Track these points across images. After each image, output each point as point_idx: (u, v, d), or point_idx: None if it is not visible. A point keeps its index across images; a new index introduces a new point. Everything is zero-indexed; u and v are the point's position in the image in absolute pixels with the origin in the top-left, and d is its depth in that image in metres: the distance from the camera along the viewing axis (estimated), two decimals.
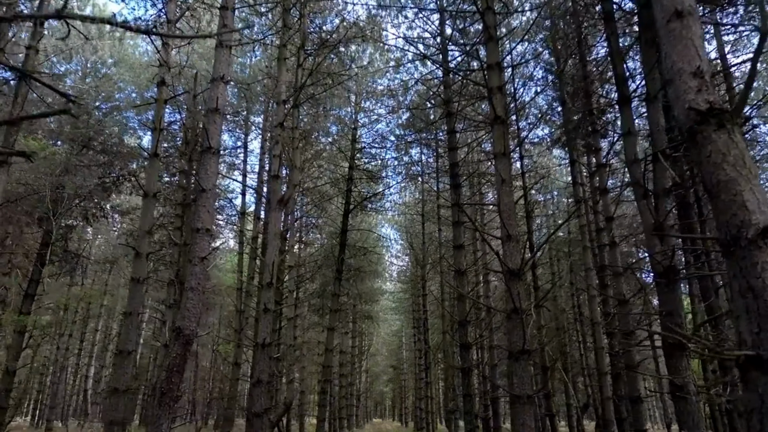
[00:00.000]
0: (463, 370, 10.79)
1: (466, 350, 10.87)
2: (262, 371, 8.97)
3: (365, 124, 17.58)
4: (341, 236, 16.20)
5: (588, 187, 12.17)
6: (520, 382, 6.44)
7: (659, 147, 6.87)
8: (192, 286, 6.26)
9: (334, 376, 23.87)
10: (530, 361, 6.70)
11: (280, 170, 9.99)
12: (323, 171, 18.68)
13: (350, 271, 16.42)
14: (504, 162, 7.31)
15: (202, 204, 6.59)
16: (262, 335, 9.14)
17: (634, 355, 7.86)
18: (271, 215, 9.90)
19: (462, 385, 10.73)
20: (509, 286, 6.64)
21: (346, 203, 16.59)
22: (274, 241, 9.73)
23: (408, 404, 49.56)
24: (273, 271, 9.44)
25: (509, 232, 6.93)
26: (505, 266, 6.77)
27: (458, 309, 11.28)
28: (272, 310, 9.41)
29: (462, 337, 10.94)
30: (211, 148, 6.79)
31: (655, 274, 6.55)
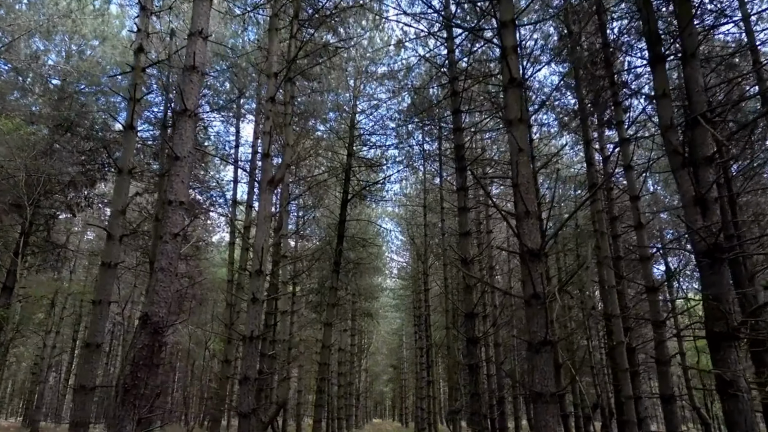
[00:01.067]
0: (471, 366, 9.92)
1: (474, 345, 10.01)
2: (250, 367, 8.12)
3: (365, 110, 16.71)
4: (339, 227, 15.36)
5: (603, 169, 11.30)
6: (541, 378, 5.59)
7: (699, 110, 6.02)
8: (162, 267, 5.40)
9: (332, 375, 23.00)
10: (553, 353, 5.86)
11: (271, 148, 9.12)
12: (321, 160, 17.84)
13: (349, 264, 15.57)
14: (521, 129, 6.46)
15: (175, 173, 5.73)
16: (250, 327, 8.28)
17: (666, 349, 7.02)
18: (261, 197, 9.04)
19: (470, 382, 9.86)
20: (529, 267, 5.78)
21: (345, 192, 15.74)
22: (264, 225, 8.87)
23: (408, 404, 48.77)
24: (262, 258, 8.59)
25: (527, 207, 6.07)
26: (524, 245, 5.92)
27: (464, 301, 10.41)
28: (261, 300, 8.55)
29: (469, 330, 10.08)
30: (186, 110, 5.93)
31: (697, 253, 5.70)
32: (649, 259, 7.49)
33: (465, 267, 10.54)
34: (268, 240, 8.98)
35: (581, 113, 10.42)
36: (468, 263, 10.60)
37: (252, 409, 7.96)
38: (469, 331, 10.09)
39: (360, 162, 16.24)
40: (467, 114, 12.10)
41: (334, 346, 25.29)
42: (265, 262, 8.76)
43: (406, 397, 47.69)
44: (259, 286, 8.53)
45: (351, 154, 16.10)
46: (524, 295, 6.04)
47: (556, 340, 5.90)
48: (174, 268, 5.46)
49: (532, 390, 5.64)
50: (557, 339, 6.72)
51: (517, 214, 6.18)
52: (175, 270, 5.46)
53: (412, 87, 14.34)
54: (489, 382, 15.91)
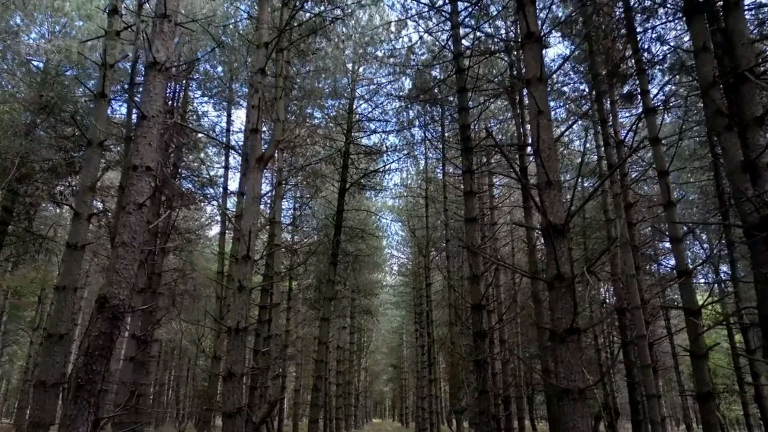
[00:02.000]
0: (478, 362, 9.13)
1: (482, 339, 9.23)
2: (236, 362, 7.32)
3: (363, 95, 15.91)
4: (337, 217, 14.58)
5: (616, 154, 10.50)
6: (568, 371, 4.80)
7: (746, 65, 5.22)
8: (124, 241, 4.60)
9: (330, 374, 22.21)
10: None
11: (260, 123, 8.32)
12: (318, 149, 17.05)
13: (347, 257, 14.78)
14: (540, 89, 5.67)
15: (142, 134, 4.94)
16: (236, 318, 7.49)
17: (703, 341, 6.23)
18: (250, 175, 8.25)
19: (476, 379, 9.07)
20: (553, 244, 5.00)
21: (342, 181, 14.96)
22: (253, 206, 8.09)
23: (409, 404, 48.00)
24: (250, 242, 7.80)
25: (549, 177, 5.29)
26: (546, 220, 5.14)
27: (471, 291, 9.62)
28: (249, 289, 7.76)
29: (476, 323, 9.29)
30: (156, 63, 5.14)
31: (748, 226, 4.91)
32: (681, 240, 6.71)
33: (472, 255, 9.75)
34: (257, 223, 8.19)
35: (596, 87, 9.64)
36: (475, 251, 9.82)
37: (238, 409, 7.17)
38: (476, 324, 9.31)
39: (359, 149, 15.44)
40: (473, 93, 11.29)
41: (332, 343, 24.48)
42: (253, 246, 7.97)
43: (406, 396, 46.91)
44: (246, 273, 7.74)
45: (349, 140, 15.31)
46: (546, 277, 5.25)
47: (584, 328, 5.11)
48: (138, 244, 4.66)
49: (556, 386, 4.85)
50: (585, 327, 5.95)
51: (538, 184, 5.39)
52: (139, 246, 4.67)
53: (414, 66, 13.53)
54: (494, 380, 15.10)
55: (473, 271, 9.57)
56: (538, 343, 12.12)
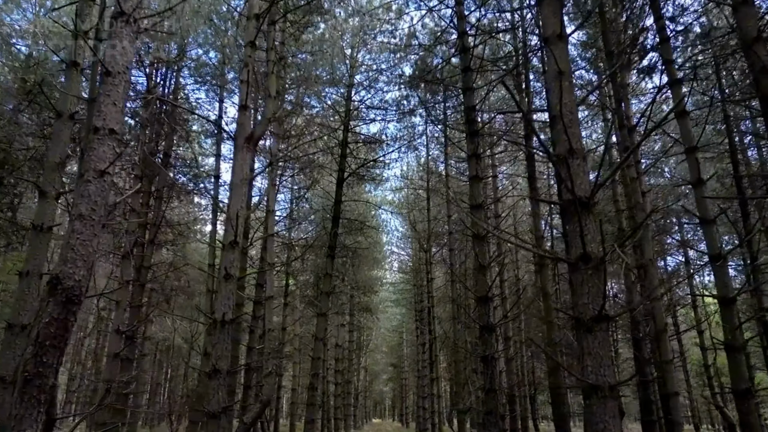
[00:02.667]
0: (485, 358, 8.49)
1: (489, 333, 8.58)
2: (221, 357, 6.68)
3: (362, 82, 15.27)
4: (335, 208, 13.94)
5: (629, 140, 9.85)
6: (596, 365, 4.17)
7: None
8: (81, 213, 3.96)
9: (329, 372, 21.59)
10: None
11: (249, 99, 7.68)
12: (315, 138, 16.40)
13: (344, 249, 14.14)
14: (560, 47, 5.03)
15: (106, 93, 4.29)
16: (221, 309, 6.85)
17: (741, 332, 5.60)
18: (237, 155, 7.61)
19: (484, 377, 8.43)
20: (580, 219, 4.36)
21: (340, 170, 14.32)
22: (241, 189, 7.45)
23: (409, 403, 47.38)
24: (236, 227, 7.15)
25: (572, 144, 4.65)
26: (570, 192, 4.50)
27: (477, 282, 8.98)
28: (236, 277, 7.12)
29: (483, 317, 8.65)
30: (123, 13, 4.49)
31: None
32: (713, 222, 6.07)
33: (479, 244, 9.12)
34: (244, 207, 7.55)
35: (610, 63, 9.00)
36: (481, 239, 9.18)
37: (223, 408, 6.53)
38: (483, 317, 8.67)
39: (357, 137, 14.81)
40: (478, 74, 10.65)
41: (331, 341, 23.84)
42: (240, 232, 7.33)
43: (406, 396, 46.29)
44: (233, 261, 7.10)
45: (348, 128, 14.68)
46: (570, 257, 4.61)
47: (614, 315, 4.47)
48: (99, 217, 4.02)
49: (584, 381, 4.20)
50: (615, 315, 5.28)
51: (559, 153, 4.74)
52: (100, 220, 4.02)
53: (416, 48, 12.87)
54: (499, 378, 14.46)
55: (479, 261, 8.93)
56: (546, 340, 11.48)
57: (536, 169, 13.11)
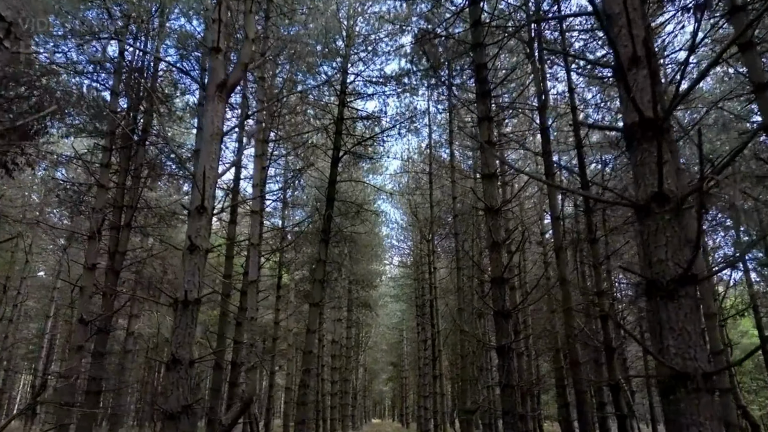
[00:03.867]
0: (501, 348, 7.27)
1: (506, 319, 7.36)
2: (182, 345, 5.46)
3: (359, 53, 14.05)
4: (329, 189, 12.74)
5: None
6: (682, 345, 2.95)
7: None
8: None
9: (324, 370, 20.39)
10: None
11: (222, 41, 6.46)
12: (308, 117, 15.20)
13: (339, 232, 12.93)
14: None
15: None
16: (184, 286, 5.63)
17: None
18: (207, 106, 6.39)
19: (500, 371, 7.21)
20: (659, 146, 3.15)
21: (335, 149, 13.11)
22: (211, 146, 6.23)
23: (409, 403, 46.22)
24: (204, 189, 5.94)
25: (636, 48, 3.44)
26: (636, 111, 3.29)
27: (491, 262, 7.77)
28: (204, 249, 5.90)
29: (498, 301, 7.43)
30: None
31: None
32: None
33: (493, 217, 7.91)
34: (215, 167, 6.33)
35: None
36: (496, 213, 7.97)
37: (184, 407, 5.31)
38: (499, 301, 7.46)
39: (354, 112, 13.60)
40: (488, 32, 9.42)
41: (327, 337, 22.64)
42: (210, 195, 6.12)
43: (406, 396, 45.12)
44: (199, 229, 5.88)
45: (344, 103, 13.47)
46: (638, 197, 3.40)
47: (703, 277, 3.28)
48: None
49: (668, 367, 2.99)
50: (703, 277, 4.15)
51: (618, 63, 3.51)
52: None
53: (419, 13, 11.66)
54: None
55: (493, 238, 7.72)
56: (565, 330, 10.26)
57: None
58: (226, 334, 13.12)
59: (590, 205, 9.18)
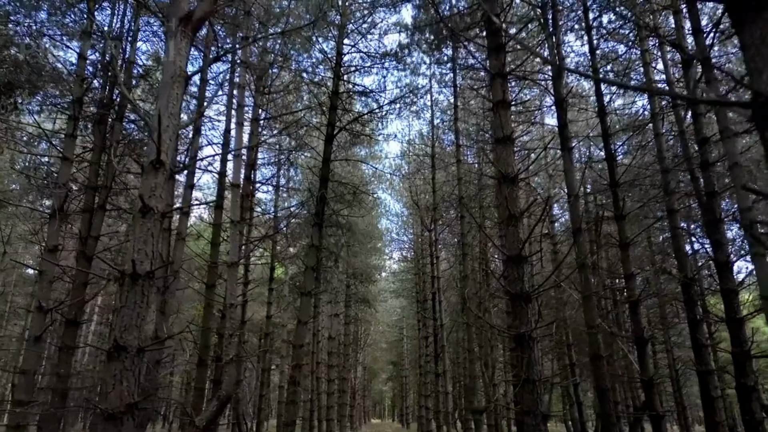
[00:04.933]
0: (519, 337, 6.18)
1: (524, 303, 6.27)
2: (128, 328, 4.38)
3: (355, 22, 12.96)
4: (323, 168, 11.67)
5: None
6: None
7: None
8: None
9: (319, 367, 19.29)
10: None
11: None
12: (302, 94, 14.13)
13: (334, 215, 11.84)
14: None
15: None
16: (134, 256, 4.57)
17: None
18: (168, 44, 5.31)
19: (519, 363, 6.12)
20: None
21: (330, 125, 12.03)
22: (171, 90, 5.16)
23: (410, 403, 45.15)
24: (161, 141, 4.88)
25: None
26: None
27: (507, 237, 6.68)
28: (159, 212, 4.82)
29: (515, 282, 6.34)
30: None
31: None
32: None
33: (507, 186, 6.83)
34: (178, 114, 5.24)
35: None
36: (512, 181, 6.89)
37: (128, 406, 4.23)
38: (516, 282, 6.38)
39: (349, 86, 12.51)
40: None
41: (323, 332, 21.57)
42: (169, 148, 5.04)
43: (407, 395, 44.04)
44: (154, 187, 4.81)
45: (339, 75, 12.39)
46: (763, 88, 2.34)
47: None
48: None
49: None
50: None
51: None
52: None
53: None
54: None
55: (509, 210, 6.64)
56: (585, 319, 9.16)
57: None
58: (212, 327, 12.04)
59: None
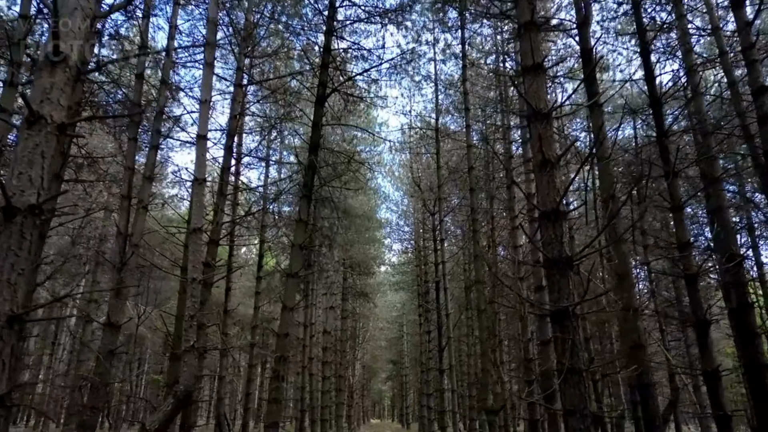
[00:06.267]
0: (559, 314, 4.70)
1: (564, 271, 4.80)
2: None
3: None
4: (312, 133, 10.23)
5: None
6: None
7: None
8: None
9: (312, 363, 17.79)
10: None
11: None
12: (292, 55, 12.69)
13: (324, 188, 10.36)
14: None
15: None
16: (13, 183, 3.10)
17: None
18: None
19: (562, 348, 4.63)
20: None
21: (321, 85, 10.56)
22: None
23: (410, 402, 43.76)
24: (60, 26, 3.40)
25: None
26: None
27: (540, 190, 5.19)
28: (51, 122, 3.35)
29: (552, 244, 4.88)
30: None
31: None
32: None
33: (540, 123, 5.37)
34: None
35: None
36: (545, 117, 5.43)
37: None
38: (553, 244, 4.92)
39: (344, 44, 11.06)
40: None
41: (316, 326, 20.12)
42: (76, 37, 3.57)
43: (407, 395, 42.62)
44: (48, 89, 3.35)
45: (331, 30, 10.92)
46: None
47: None
48: None
49: None
50: None
51: None
52: None
53: None
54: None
55: (543, 153, 5.18)
56: (623, 300, 7.68)
57: None
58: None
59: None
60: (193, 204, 6.53)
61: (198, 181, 6.59)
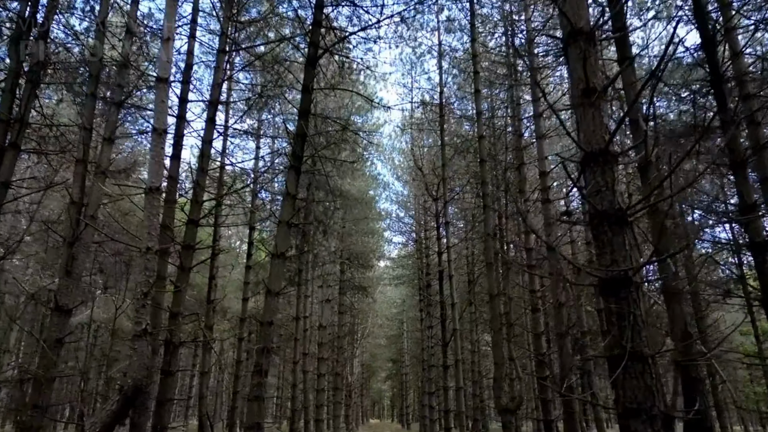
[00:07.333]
0: (614, 284, 3.56)
1: (621, 228, 3.66)
2: None
3: None
4: (302, 98, 9.08)
5: None
6: None
7: None
8: None
9: (306, 359, 16.59)
10: None
11: None
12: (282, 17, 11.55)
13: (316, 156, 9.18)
14: None
15: None
16: None
17: None
18: None
19: (619, 326, 3.48)
20: None
21: (312, 45, 9.41)
22: None
23: (410, 402, 42.67)
24: None
25: None
26: None
27: (583, 127, 4.04)
28: None
29: (601, 195, 3.74)
30: None
31: None
32: None
33: (583, 45, 4.24)
34: None
35: None
36: (588, 37, 4.29)
37: None
38: (605, 194, 3.76)
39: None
40: None
41: (311, 319, 18.93)
42: None
43: (407, 394, 41.48)
44: None
45: None
46: None
47: None
48: None
49: None
50: None
51: None
52: None
53: None
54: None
55: (588, 80, 4.02)
56: (665, 285, 6.53)
57: None
58: (161, 304, 9.37)
59: (721, 72, 5.43)
60: (151, 159, 5.40)
61: (157, 132, 5.45)
